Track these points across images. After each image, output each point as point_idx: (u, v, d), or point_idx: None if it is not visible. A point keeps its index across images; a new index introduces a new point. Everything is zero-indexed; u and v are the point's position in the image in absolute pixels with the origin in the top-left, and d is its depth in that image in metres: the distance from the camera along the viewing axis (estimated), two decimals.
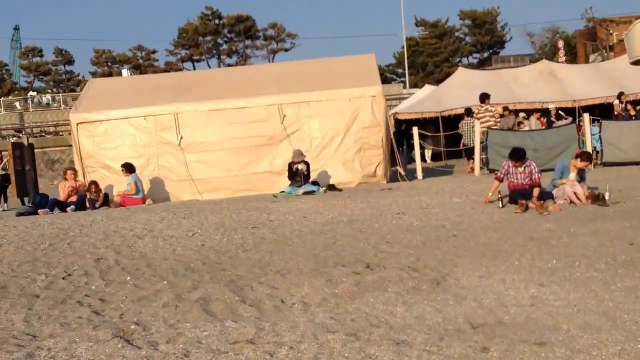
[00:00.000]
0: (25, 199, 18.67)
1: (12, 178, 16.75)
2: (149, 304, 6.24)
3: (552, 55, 54.97)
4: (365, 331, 4.74)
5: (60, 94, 64.83)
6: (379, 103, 15.58)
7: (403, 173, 15.78)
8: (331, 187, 14.28)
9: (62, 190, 14.29)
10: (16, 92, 69.95)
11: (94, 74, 73.80)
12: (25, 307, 6.53)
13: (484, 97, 17.14)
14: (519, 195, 9.68)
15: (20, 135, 50.90)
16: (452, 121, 24.62)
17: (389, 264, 6.74)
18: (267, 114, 15.55)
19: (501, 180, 10.37)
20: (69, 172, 14.52)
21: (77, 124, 15.49)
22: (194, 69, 76.11)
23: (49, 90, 72.46)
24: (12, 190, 17.01)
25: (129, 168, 14.31)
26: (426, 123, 26.37)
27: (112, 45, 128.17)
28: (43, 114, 60.43)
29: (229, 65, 74.97)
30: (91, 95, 16.34)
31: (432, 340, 4.38)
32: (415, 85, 61.36)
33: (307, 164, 14.21)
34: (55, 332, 5.62)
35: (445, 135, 21.78)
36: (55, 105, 63.14)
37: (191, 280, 6.88)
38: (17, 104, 62.03)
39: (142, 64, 73.50)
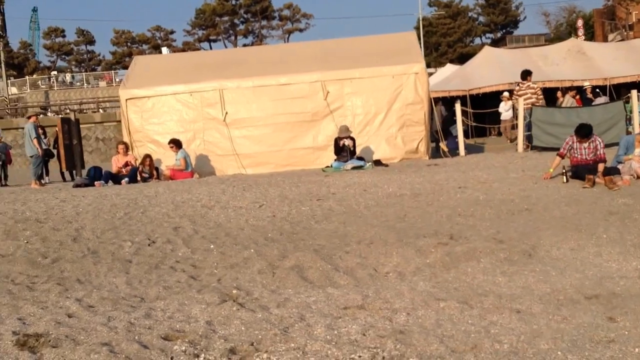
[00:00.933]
0: (65, 173, 19.03)
1: (62, 152, 17.02)
2: (243, 271, 6.46)
3: (567, 35, 54.55)
4: (475, 299, 4.88)
5: (83, 73, 65.22)
6: (422, 80, 15.68)
7: (446, 149, 15.88)
8: (377, 163, 14.44)
9: (114, 163, 14.57)
10: (40, 71, 70.38)
11: (114, 54, 74.19)
12: (122, 271, 6.80)
13: (526, 74, 17.16)
14: (585, 171, 9.77)
15: (47, 112, 51.35)
16: (479, 99, 24.68)
17: (470, 236, 6.91)
18: (310, 90, 15.69)
19: (563, 157, 10.47)
20: (120, 146, 14.77)
21: (126, 99, 15.72)
22: (211, 48, 76.25)
23: (69, 70, 72.89)
24: (59, 163, 17.29)
25: (177, 144, 14.53)
26: (452, 101, 26.42)
27: (132, 26, 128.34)
28: (67, 92, 60.89)
29: (244, 45, 75.07)
30: (138, 72, 16.55)
31: (550, 309, 4.53)
32: (428, 65, 61.14)
33: (353, 139, 14.38)
34: (160, 294, 5.86)
35: (474, 113, 21.85)
36: (78, 84, 63.56)
37: (277, 249, 7.08)
38: (40, 82, 62.42)
39: (161, 44, 73.66)
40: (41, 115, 44.09)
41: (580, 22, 56.14)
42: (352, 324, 4.54)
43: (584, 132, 10.11)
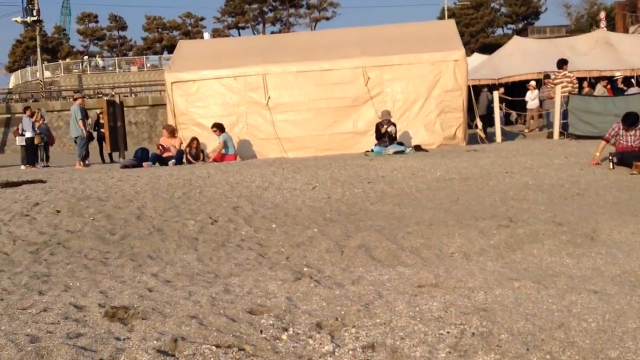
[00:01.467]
0: (105, 155, 19.43)
1: (106, 133, 17.42)
2: (310, 250, 6.69)
3: (589, 27, 54.08)
4: (547, 280, 5.02)
5: (115, 58, 65.98)
6: (461, 68, 15.83)
7: (483, 136, 16.02)
8: (417, 148, 14.62)
9: (163, 145, 14.93)
10: (72, 55, 71.27)
11: (145, 40, 74.82)
12: (190, 248, 7.07)
13: (562, 63, 17.20)
14: (631, 158, 9.90)
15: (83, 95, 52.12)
16: (508, 88, 24.79)
17: (528, 219, 7.08)
18: (351, 76, 15.90)
19: (608, 142, 10.60)
20: (166, 129, 15.08)
21: (172, 83, 16.03)
22: (239, 35, 76.50)
23: (100, 55, 73.73)
24: (100, 146, 17.70)
25: (220, 127, 14.83)
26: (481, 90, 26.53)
27: (163, 12, 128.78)
28: (100, 76, 61.62)
29: (272, 32, 75.18)
30: (183, 56, 16.86)
31: (626, 290, 4.67)
32: None
33: (395, 124, 14.54)
34: (233, 271, 6.10)
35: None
36: (110, 68, 64.28)
37: (339, 229, 7.30)
38: (72, 66, 63.17)
39: (191, 30, 74.14)
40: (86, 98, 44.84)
41: (602, 14, 55.58)
42: (431, 301, 4.71)
43: (631, 120, 10.29)
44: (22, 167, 19.64)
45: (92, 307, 5.25)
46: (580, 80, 22.68)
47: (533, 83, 23.05)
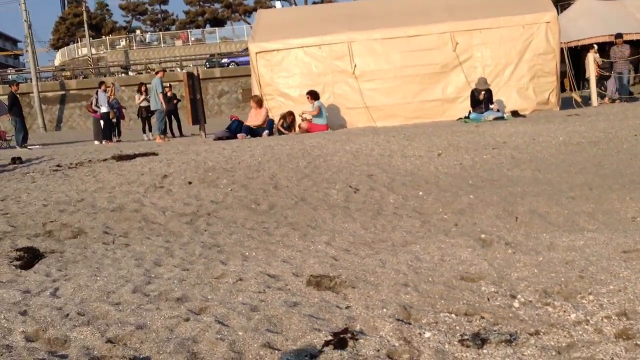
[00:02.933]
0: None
1: (188, 106, 17.47)
2: (476, 216, 6.61)
3: None
4: None
5: (160, 33, 66.23)
6: (553, 29, 15.46)
7: (579, 99, 15.69)
8: (514, 114, 14.37)
9: (251, 117, 14.91)
10: (116, 31, 71.66)
11: (188, 13, 74.75)
12: (346, 216, 7.03)
13: None
14: None
15: (128, 72, 52.45)
16: (576, 52, 24.11)
17: None
18: (439, 42, 15.67)
19: None
20: (252, 100, 15.06)
21: (256, 53, 15.95)
22: (282, 6, 75.84)
23: (141, 30, 74.03)
24: (187, 118, 17.76)
25: (314, 95, 14.75)
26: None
27: None
28: (146, 51, 61.93)
29: (314, 2, 74.35)
30: (264, 25, 16.76)
31: None
32: None
33: (490, 91, 14.30)
34: (407, 239, 6.05)
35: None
36: (155, 43, 64.56)
37: (495, 195, 7.20)
38: (122, 42, 63.54)
39: (233, 2, 73.78)
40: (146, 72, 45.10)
41: None
42: None
43: None
44: (96, 142, 19.83)
45: (285, 275, 5.25)
46: None
47: (595, 47, 22.35)
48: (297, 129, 14.69)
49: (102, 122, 20.12)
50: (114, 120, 21.69)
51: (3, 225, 7.78)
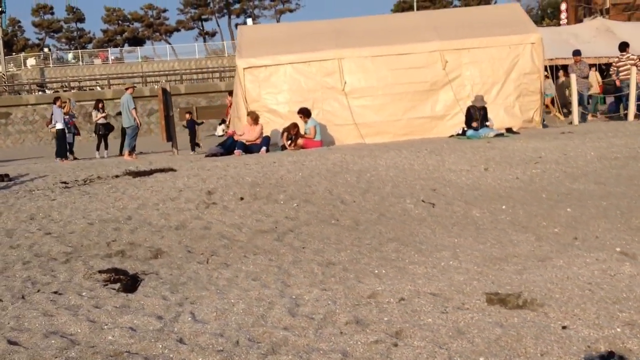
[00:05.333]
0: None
1: (162, 122, 16.73)
2: (590, 229, 6.46)
3: (540, 19, 54.95)
4: None
5: (79, 51, 64.07)
6: (538, 50, 15.81)
7: (562, 118, 16.06)
8: (509, 131, 14.49)
9: (246, 133, 14.41)
10: (29, 48, 68.72)
11: (106, 32, 72.78)
12: (448, 231, 6.75)
13: (625, 46, 17.38)
14: None
15: (45, 90, 50.29)
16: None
17: None
18: (429, 60, 15.71)
19: None
20: (249, 116, 14.57)
21: (244, 69, 15.49)
22: (203, 28, 75.19)
23: (56, 47, 71.47)
24: (162, 134, 16.98)
25: (306, 113, 14.45)
26: None
27: (123, 4, 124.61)
28: (63, 69, 59.72)
29: (236, 24, 74.08)
30: (249, 41, 16.33)
31: None
32: None
33: (486, 109, 14.43)
34: (535, 253, 5.84)
35: None
36: (74, 61, 62.37)
37: (592, 208, 7.09)
38: (32, 59, 60.92)
39: (154, 22, 72.41)
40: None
41: (564, 6, 56.23)
42: None
43: None
44: (56, 160, 18.70)
45: (448, 293, 4.95)
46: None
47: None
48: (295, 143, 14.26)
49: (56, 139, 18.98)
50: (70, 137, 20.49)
51: (58, 245, 7.08)
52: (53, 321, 4.88)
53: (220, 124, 33.78)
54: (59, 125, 18.97)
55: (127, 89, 17.76)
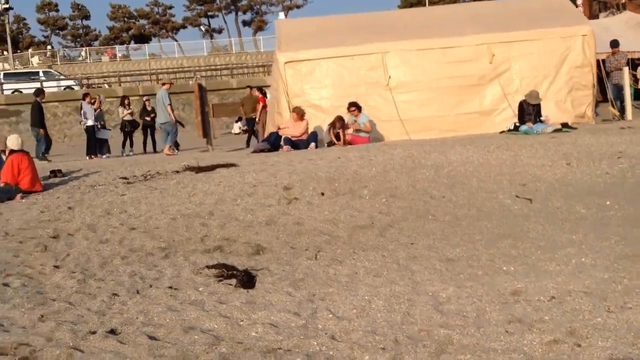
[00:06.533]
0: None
1: (198, 119, 16.38)
2: None
3: None
4: None
5: (87, 48, 63.74)
6: (590, 43, 15.43)
7: (617, 113, 15.75)
8: (565, 126, 14.13)
9: (292, 128, 14.10)
10: (35, 46, 68.27)
11: (112, 29, 72.34)
12: (560, 227, 6.44)
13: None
14: None
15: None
16: None
17: None
18: (476, 53, 15.33)
19: None
20: (294, 112, 14.24)
21: (285, 63, 15.14)
22: (209, 25, 74.77)
23: (62, 45, 71.02)
24: (198, 131, 16.63)
25: (359, 107, 14.09)
26: None
27: (129, 0, 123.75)
28: (71, 66, 59.35)
29: (243, 21, 73.79)
30: (289, 35, 15.96)
31: None
32: None
33: (539, 105, 14.09)
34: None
35: None
36: (81, 58, 62.02)
37: None
38: (36, 57, 60.54)
39: (160, 19, 71.99)
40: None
41: (579, 0, 56.01)
42: None
43: None
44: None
45: (632, 293, 4.65)
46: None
47: None
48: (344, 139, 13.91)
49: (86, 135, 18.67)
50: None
51: (149, 240, 6.82)
52: (183, 316, 4.72)
53: (236, 122, 33.47)
54: (89, 122, 18.65)
55: (163, 84, 17.43)
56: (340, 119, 13.73)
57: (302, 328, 4.39)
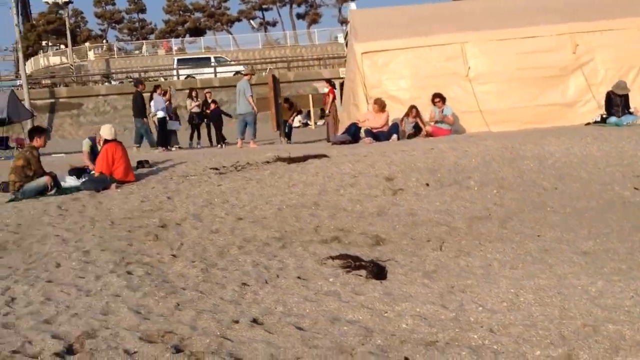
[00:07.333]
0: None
1: (272, 111, 16.29)
2: None
3: None
4: None
5: (143, 42, 64.51)
6: None
7: None
8: None
9: (373, 120, 13.93)
10: (92, 39, 69.45)
11: (167, 22, 73.06)
12: None
13: None
14: None
15: (111, 81, 50.68)
16: None
17: None
18: (558, 43, 14.93)
19: None
20: (376, 103, 14.05)
21: (362, 53, 14.97)
22: (264, 18, 74.91)
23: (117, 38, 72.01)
24: (272, 123, 16.56)
25: (443, 98, 13.84)
26: None
27: None
28: (127, 60, 60.15)
29: (298, 14, 73.63)
30: (365, 25, 15.80)
31: None
32: None
33: (627, 96, 13.63)
34: None
35: None
36: (137, 52, 62.82)
37: None
38: (91, 51, 61.54)
39: (215, 12, 72.40)
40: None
41: None
42: None
43: None
44: (156, 150, 18.39)
45: None
46: None
47: None
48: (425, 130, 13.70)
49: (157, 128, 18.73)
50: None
51: (261, 230, 6.77)
52: (323, 307, 4.61)
53: (297, 115, 33.41)
54: (160, 114, 18.73)
55: (245, 75, 17.37)
56: (413, 107, 13.56)
57: (454, 321, 4.23)
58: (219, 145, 18.82)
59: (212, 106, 20.23)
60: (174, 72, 46.68)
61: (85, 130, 42.64)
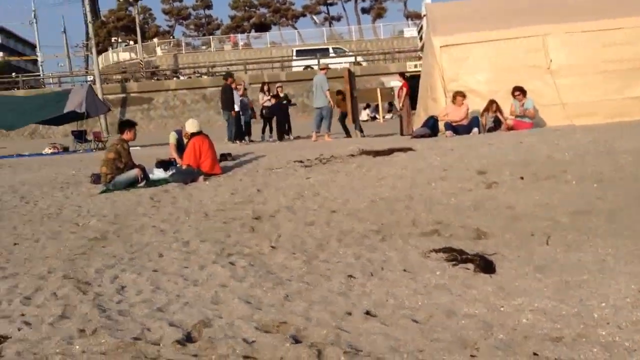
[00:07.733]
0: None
1: (349, 105, 16.27)
2: None
3: None
4: None
5: (210, 37, 65.43)
6: None
7: None
8: None
9: (453, 113, 13.78)
10: (160, 35, 70.81)
11: (233, 18, 73.87)
12: None
13: None
14: None
15: (179, 75, 51.48)
16: None
17: None
18: None
19: None
20: (458, 96, 13.86)
21: (441, 47, 14.78)
22: (328, 13, 75.00)
23: (183, 34, 73.16)
24: (349, 117, 16.57)
25: (524, 91, 13.58)
26: None
27: None
28: (195, 55, 61.04)
29: (362, 9, 73.36)
30: (442, 19, 15.61)
31: None
32: None
33: None
34: None
35: None
36: (204, 47, 63.72)
37: None
38: (159, 47, 62.63)
39: (280, 7, 72.86)
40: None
41: None
42: None
43: None
44: (232, 143, 18.54)
45: None
46: None
47: None
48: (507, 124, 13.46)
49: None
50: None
51: (357, 223, 6.77)
52: (434, 300, 4.51)
53: (364, 109, 33.36)
54: (235, 107, 18.91)
55: (321, 69, 17.45)
56: (492, 102, 13.35)
57: (576, 316, 4.09)
58: (288, 137, 19.03)
59: (273, 100, 20.40)
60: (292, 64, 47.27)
61: (155, 124, 43.58)
